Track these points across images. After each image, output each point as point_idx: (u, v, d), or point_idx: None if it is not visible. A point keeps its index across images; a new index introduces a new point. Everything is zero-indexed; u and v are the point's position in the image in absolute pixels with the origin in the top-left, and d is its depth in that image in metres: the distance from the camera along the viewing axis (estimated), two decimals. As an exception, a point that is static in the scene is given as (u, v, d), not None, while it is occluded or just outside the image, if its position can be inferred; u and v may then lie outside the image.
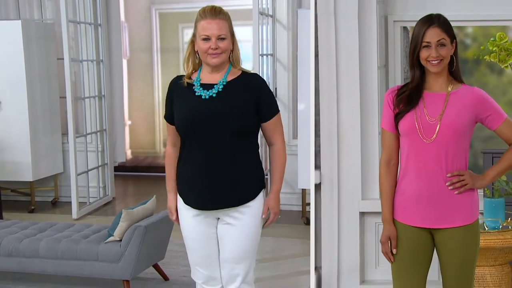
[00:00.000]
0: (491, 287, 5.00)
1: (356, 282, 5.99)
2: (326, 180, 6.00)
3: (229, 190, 3.91)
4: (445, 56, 3.68)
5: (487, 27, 6.29)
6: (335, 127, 5.96)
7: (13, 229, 6.16)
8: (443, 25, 3.70)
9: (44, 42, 9.27)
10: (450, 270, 3.80)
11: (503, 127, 3.75)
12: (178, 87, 3.97)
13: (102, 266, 5.66)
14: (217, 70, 3.90)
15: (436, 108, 3.72)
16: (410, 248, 3.81)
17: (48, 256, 5.77)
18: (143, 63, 12.71)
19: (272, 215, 4.02)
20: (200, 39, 3.80)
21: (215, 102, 3.84)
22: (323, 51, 5.98)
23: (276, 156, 4.07)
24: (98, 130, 9.46)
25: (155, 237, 5.85)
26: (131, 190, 10.98)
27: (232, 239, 3.98)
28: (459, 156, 3.72)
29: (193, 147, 3.92)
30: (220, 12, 3.81)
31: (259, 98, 3.92)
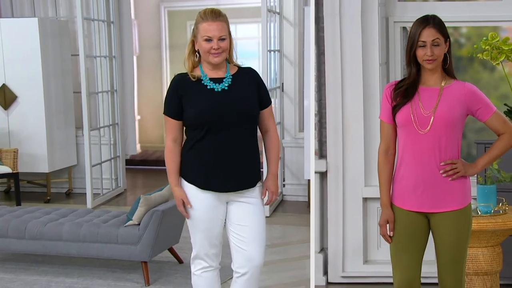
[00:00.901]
0: (483, 266, 5.07)
1: (360, 262, 6.22)
2: (331, 168, 6.23)
3: (245, 173, 4.14)
4: (438, 55, 3.84)
5: (480, 27, 6.51)
6: (340, 119, 6.20)
7: (37, 214, 6.35)
8: (437, 25, 3.86)
9: (59, 39, 9.39)
10: (444, 251, 3.94)
11: (492, 119, 3.91)
12: (186, 83, 4.13)
13: (121, 248, 5.84)
14: (218, 67, 4.12)
15: (431, 102, 3.88)
16: (407, 231, 3.95)
17: (71, 239, 5.96)
18: (152, 59, 12.67)
19: (270, 195, 4.22)
20: (202, 40, 4.02)
21: (229, 94, 4.09)
22: (329, 49, 6.21)
23: (272, 140, 4.29)
24: (111, 124, 9.58)
25: (171, 221, 6.01)
26: (141, 182, 10.98)
27: (251, 218, 4.19)
28: (451, 145, 3.88)
29: (210, 135, 4.09)
30: (220, 15, 4.05)
31: (259, 88, 4.19)
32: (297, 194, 9.08)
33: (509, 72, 6.07)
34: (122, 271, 6.17)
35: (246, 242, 4.19)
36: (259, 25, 10.33)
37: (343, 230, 6.25)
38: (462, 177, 3.88)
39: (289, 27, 9.01)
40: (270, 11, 8.40)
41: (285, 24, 9.02)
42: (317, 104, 6.35)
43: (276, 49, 8.83)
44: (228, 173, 4.10)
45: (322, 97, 6.40)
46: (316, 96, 6.38)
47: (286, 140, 8.97)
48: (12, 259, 6.62)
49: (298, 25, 8.97)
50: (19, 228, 6.10)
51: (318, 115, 6.37)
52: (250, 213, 4.19)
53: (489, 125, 3.96)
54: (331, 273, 6.30)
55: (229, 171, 4.10)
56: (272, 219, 7.98)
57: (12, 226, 6.12)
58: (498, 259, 5.09)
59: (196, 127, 4.11)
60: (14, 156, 8.66)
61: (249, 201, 4.18)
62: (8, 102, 9.14)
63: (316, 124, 6.36)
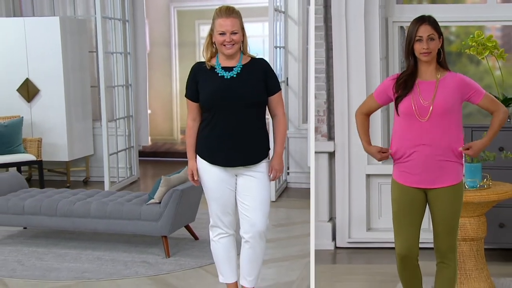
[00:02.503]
0: (470, 233, 5.32)
1: (363, 229, 6.74)
2: (339, 148, 6.73)
3: (250, 150, 4.52)
4: (433, 49, 4.14)
5: (467, 26, 7.02)
6: (346, 106, 6.67)
7: (66, 195, 6.73)
8: (432, 23, 4.16)
9: (78, 37, 9.68)
10: (439, 221, 4.26)
11: (484, 101, 4.23)
12: (202, 70, 4.53)
13: (144, 224, 6.19)
14: (232, 57, 4.49)
15: (429, 93, 4.17)
16: (407, 204, 4.27)
17: (98, 216, 6.30)
18: (162, 56, 12.59)
19: (274, 172, 4.58)
20: (217, 34, 4.39)
21: (236, 81, 4.46)
22: (336, 45, 6.69)
23: (279, 123, 4.63)
24: (126, 116, 9.84)
25: (188, 200, 6.35)
26: (151, 172, 11.06)
27: (254, 189, 4.56)
28: (449, 131, 4.16)
29: (219, 117, 4.47)
30: (233, 12, 4.41)
31: (266, 77, 4.53)
32: (301, 181, 9.35)
33: (493, 65, 6.43)
34: (144, 246, 6.52)
35: (250, 211, 4.56)
36: (263, 24, 10.59)
37: (349, 202, 6.73)
38: (456, 158, 4.20)
39: (294, 26, 9.24)
40: (276, 10, 8.62)
41: (290, 22, 9.24)
42: (326, 93, 6.81)
43: (282, 45, 9.04)
44: (232, 150, 4.48)
45: (330, 87, 6.84)
46: (325, 86, 6.83)
47: (290, 131, 9.17)
48: (43, 235, 6.98)
49: (302, 24, 9.20)
50: (50, 206, 6.43)
51: (327, 102, 6.80)
52: (255, 186, 4.56)
53: (482, 106, 4.26)
54: (339, 239, 6.78)
55: (233, 148, 4.48)
56: (278, 203, 8.33)
57: (44, 205, 6.44)
58: (482, 227, 5.40)
59: (207, 109, 4.50)
60: (38, 145, 8.94)
61: (255, 175, 4.55)
62: (31, 95, 9.40)
63: (325, 110, 6.84)
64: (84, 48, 9.94)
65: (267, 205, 4.62)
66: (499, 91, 6.40)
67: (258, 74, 4.53)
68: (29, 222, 6.63)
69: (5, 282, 5.65)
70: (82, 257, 6.26)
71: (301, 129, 9.27)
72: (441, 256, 4.34)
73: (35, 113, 9.49)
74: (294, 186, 9.42)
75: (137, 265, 6.02)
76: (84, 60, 9.93)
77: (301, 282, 5.53)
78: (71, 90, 9.57)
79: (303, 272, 5.74)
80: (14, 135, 8.92)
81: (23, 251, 6.48)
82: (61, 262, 6.13)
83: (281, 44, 9.08)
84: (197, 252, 6.36)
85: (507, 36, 7.63)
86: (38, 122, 9.48)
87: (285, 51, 9.23)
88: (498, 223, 6.31)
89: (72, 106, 9.62)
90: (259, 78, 4.52)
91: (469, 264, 5.38)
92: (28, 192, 6.94)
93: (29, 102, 9.47)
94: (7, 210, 6.60)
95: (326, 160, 6.82)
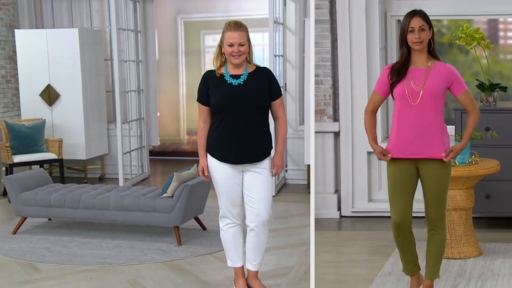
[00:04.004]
0: (460, 203, 5.58)
1: (365, 200, 7.08)
2: (343, 129, 7.03)
3: (255, 149, 4.63)
4: (425, 38, 4.25)
5: (457, 20, 7.24)
6: (349, 91, 6.96)
7: (87, 189, 6.84)
8: (423, 16, 4.28)
9: (94, 46, 9.75)
10: (430, 193, 4.40)
11: (463, 96, 4.35)
12: (212, 78, 4.62)
13: (158, 216, 6.30)
14: (239, 66, 4.59)
15: (420, 79, 4.29)
16: (401, 177, 4.39)
17: (116, 208, 6.43)
18: (170, 64, 12.62)
19: (276, 168, 4.68)
20: (227, 45, 4.50)
21: (243, 88, 4.56)
22: (341, 37, 6.95)
23: (281, 125, 4.74)
24: (138, 118, 9.91)
25: (198, 194, 6.44)
26: (160, 170, 11.09)
27: (259, 184, 4.67)
28: (435, 113, 4.29)
29: (227, 119, 4.56)
30: (241, 26, 4.53)
31: (270, 84, 4.64)
32: (298, 178, 9.38)
33: (480, 54, 6.64)
34: (158, 235, 6.62)
35: (255, 202, 4.68)
36: (264, 34, 10.58)
37: (352, 176, 7.03)
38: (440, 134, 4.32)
39: (291, 36, 9.28)
40: (276, 22, 8.66)
41: (288, 33, 9.27)
42: (331, 79, 7.08)
43: (280, 54, 9.05)
44: (240, 149, 4.59)
45: (335, 74, 7.10)
46: (331, 73, 7.09)
47: (288, 132, 8.39)
48: (67, 226, 7.12)
49: (299, 34, 9.23)
50: (74, 200, 6.57)
51: (332, 88, 7.08)
52: (259, 181, 4.68)
53: (460, 100, 4.38)
54: (343, 209, 7.11)
55: (240, 147, 4.58)
56: (277, 198, 8.38)
57: (68, 199, 6.58)
58: (471, 198, 5.67)
59: (217, 113, 4.61)
60: (59, 145, 9.04)
61: (259, 171, 4.66)
62: (52, 100, 9.49)
63: (331, 95, 7.10)
64: (100, 57, 10.00)
65: (270, 197, 4.74)
66: (485, 77, 6.60)
67: (262, 81, 4.63)
68: (54, 214, 6.75)
69: (36, 266, 5.80)
70: (102, 245, 6.37)
71: (298, 130, 9.28)
72: (432, 224, 4.46)
73: (56, 116, 9.56)
74: (292, 182, 9.44)
75: (152, 252, 6.11)
76: (100, 67, 9.99)
77: (299, 267, 5.61)
78: (88, 95, 9.63)
79: (301, 258, 5.82)
80: (37, 136, 9.00)
81: (50, 239, 6.61)
82: (84, 249, 6.25)
83: (280, 52, 9.09)
84: (206, 240, 6.45)
85: (493, 28, 7.70)
86: (59, 124, 9.56)
87: (283, 59, 9.23)
88: (485, 194, 6.57)
89: (89, 109, 9.68)
90: (263, 85, 4.62)
91: (458, 231, 5.61)
92: (53, 187, 7.04)
93: (50, 106, 9.55)
94: (35, 203, 6.73)
95: (331, 139, 7.12)
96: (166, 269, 5.65)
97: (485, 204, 6.61)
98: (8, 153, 8.66)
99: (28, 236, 6.80)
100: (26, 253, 6.19)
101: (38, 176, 7.25)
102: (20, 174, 7.18)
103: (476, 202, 6.01)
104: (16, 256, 6.12)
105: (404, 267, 4.63)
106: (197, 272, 5.57)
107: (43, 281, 5.44)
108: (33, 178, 7.13)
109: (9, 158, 8.67)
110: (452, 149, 4.35)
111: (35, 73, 9.55)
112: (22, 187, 6.89)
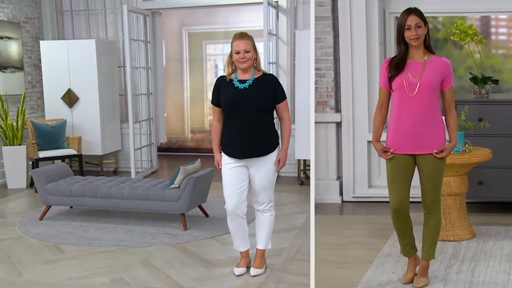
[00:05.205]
0: (454, 189, 5.43)
1: (365, 186, 7.01)
2: (344, 119, 6.86)
3: (260, 145, 4.61)
4: (421, 35, 4.09)
5: (452, 17, 7.05)
6: (351, 83, 6.79)
7: (104, 181, 6.87)
8: (418, 13, 4.12)
9: (109, 55, 9.79)
10: (426, 180, 4.26)
11: (447, 92, 4.18)
12: (223, 82, 4.65)
13: (166, 204, 6.30)
14: (247, 72, 4.60)
15: (417, 72, 4.12)
16: (399, 167, 4.25)
17: (130, 197, 6.44)
18: (175, 70, 12.69)
19: (281, 164, 4.69)
20: (234, 52, 4.54)
21: (249, 91, 4.56)
22: (342, 33, 6.79)
23: (285, 126, 4.73)
24: (147, 118, 9.93)
25: (201, 185, 6.44)
26: (167, 164, 11.04)
27: (262, 175, 4.67)
28: (432, 104, 4.12)
29: (235, 119, 4.57)
30: (246, 35, 4.57)
31: (274, 89, 4.61)
32: (289, 171, 9.30)
33: (473, 49, 6.48)
34: (167, 221, 6.63)
35: (262, 189, 4.71)
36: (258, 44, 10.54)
37: (353, 163, 6.89)
38: (438, 128, 4.16)
39: (283, 45, 9.24)
40: (269, 33, 8.68)
41: (280, 43, 9.24)
42: (333, 73, 6.90)
43: (274, 61, 9.06)
44: (245, 145, 4.59)
45: (337, 68, 6.92)
46: (333, 67, 6.91)
47: None
48: (86, 213, 7.16)
49: (290, 44, 9.17)
50: (92, 190, 6.61)
51: (334, 80, 6.91)
52: (265, 171, 4.67)
53: (445, 94, 4.20)
54: (345, 194, 6.97)
55: (246, 144, 4.59)
56: None
57: (88, 189, 6.62)
58: (464, 184, 5.52)
59: (226, 113, 4.62)
60: (78, 142, 9.08)
61: (264, 164, 4.65)
62: (72, 102, 9.52)
63: (333, 87, 6.93)
64: (114, 64, 10.01)
65: (273, 185, 4.77)
66: (478, 71, 6.44)
67: (267, 86, 4.60)
68: (75, 202, 6.78)
69: (60, 247, 5.86)
70: (118, 229, 6.39)
71: (290, 128, 9.19)
72: (428, 208, 4.33)
73: (76, 116, 9.59)
74: (283, 174, 9.33)
75: (161, 236, 6.11)
76: (114, 73, 10.00)
77: (291, 248, 5.60)
78: (104, 98, 9.64)
79: (292, 241, 5.81)
80: (59, 134, 9.03)
81: (72, 225, 6.65)
82: (101, 233, 6.27)
83: (273, 60, 9.05)
84: (209, 226, 6.43)
85: (485, 25, 7.49)
86: (78, 124, 9.58)
87: (276, 66, 9.20)
88: (478, 181, 6.43)
89: (105, 110, 9.69)
90: (268, 90, 4.58)
91: (453, 215, 5.48)
92: (74, 179, 7.06)
93: (70, 107, 9.57)
94: (58, 193, 6.76)
95: (334, 129, 6.95)
96: (174, 251, 5.66)
97: (478, 189, 6.46)
98: (34, 149, 8.69)
99: (53, 221, 6.83)
100: (51, 236, 6.24)
101: (60, 169, 7.26)
102: (45, 167, 7.19)
103: (470, 188, 5.88)
104: (43, 238, 6.17)
105: (402, 249, 4.53)
106: (201, 253, 5.58)
107: (67, 260, 5.49)
108: (56, 171, 7.14)
109: (35, 153, 8.71)
110: (444, 149, 4.23)
111: (57, 79, 9.57)
112: (47, 179, 6.92)
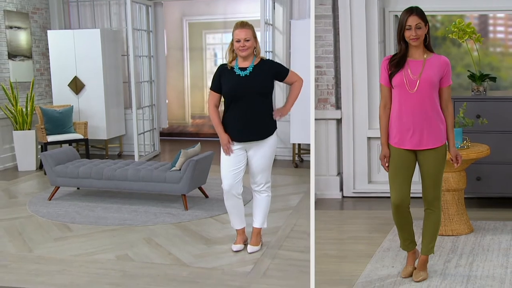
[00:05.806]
0: (453, 185, 5.28)
1: (365, 182, 6.79)
2: (345, 116, 6.71)
3: (259, 129, 4.61)
4: (421, 35, 3.97)
5: (450, 15, 6.88)
6: (351, 81, 6.65)
7: (108, 164, 6.88)
8: (419, 13, 3.97)
9: (113, 44, 9.77)
10: (427, 176, 4.14)
11: (447, 89, 4.08)
12: (224, 70, 4.61)
13: (168, 185, 6.32)
14: (246, 59, 4.57)
15: (417, 70, 4.00)
16: (400, 163, 4.12)
17: (133, 179, 6.46)
18: (176, 58, 12.65)
19: (279, 114, 4.61)
20: (235, 41, 4.51)
21: (249, 78, 4.54)
22: (342, 31, 6.65)
23: (295, 85, 4.64)
24: (150, 104, 9.91)
25: (201, 168, 6.45)
26: (168, 148, 11.02)
27: (260, 157, 4.67)
28: (431, 101, 4.00)
29: (236, 105, 4.55)
30: (246, 24, 4.55)
31: (275, 71, 4.60)
32: (284, 155, 9.37)
33: (471, 47, 6.34)
34: (168, 202, 6.65)
35: (259, 170, 4.71)
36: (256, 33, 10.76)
37: (354, 160, 6.73)
38: (439, 124, 4.04)
39: (279, 35, 9.26)
40: (266, 23, 8.67)
41: (276, 32, 9.25)
42: (334, 70, 6.77)
43: (270, 50, 9.07)
44: (245, 129, 4.59)
45: (337, 65, 6.78)
46: (333, 64, 6.78)
47: None
48: (92, 193, 7.17)
49: (286, 33, 9.18)
50: (98, 172, 6.62)
51: (335, 78, 6.77)
52: (263, 153, 4.67)
53: (442, 92, 4.08)
54: (345, 189, 6.81)
55: (248, 127, 4.58)
56: None
57: (94, 171, 6.63)
58: (463, 180, 5.36)
59: (228, 99, 4.61)
60: (84, 127, 9.08)
61: (263, 147, 4.65)
62: (78, 89, 9.52)
63: (333, 84, 6.79)
64: (118, 53, 9.99)
65: (270, 167, 4.77)
66: (476, 68, 6.32)
67: (266, 71, 4.57)
68: (82, 183, 6.79)
69: (68, 226, 5.89)
70: (122, 209, 6.40)
71: (285, 116, 9.13)
72: (428, 204, 4.22)
73: (82, 103, 9.58)
74: (279, 158, 9.33)
75: (163, 215, 6.12)
76: (118, 62, 9.98)
77: (286, 227, 5.64)
78: (108, 85, 9.62)
79: (286, 220, 5.84)
80: (67, 119, 9.02)
81: (79, 205, 6.66)
82: (107, 213, 6.28)
83: (270, 49, 9.04)
84: (208, 206, 6.44)
85: (483, 23, 7.33)
86: (84, 109, 9.57)
87: (273, 54, 9.18)
88: (476, 176, 6.26)
89: (109, 97, 9.68)
90: (267, 75, 4.56)
91: (452, 210, 5.35)
92: (80, 161, 7.06)
93: (77, 94, 9.56)
94: (65, 175, 6.77)
95: (334, 126, 6.79)
96: (175, 229, 5.67)
97: (476, 185, 6.28)
98: (43, 134, 8.69)
99: (61, 202, 6.83)
100: (60, 216, 6.24)
101: (68, 152, 7.25)
102: (53, 151, 7.18)
103: (468, 184, 5.77)
104: (52, 217, 6.18)
105: (402, 244, 4.39)
106: (201, 231, 5.59)
107: (75, 238, 5.52)
108: (64, 154, 7.14)
109: (44, 137, 8.70)
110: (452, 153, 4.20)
111: (64, 67, 9.55)
112: (55, 162, 6.91)
